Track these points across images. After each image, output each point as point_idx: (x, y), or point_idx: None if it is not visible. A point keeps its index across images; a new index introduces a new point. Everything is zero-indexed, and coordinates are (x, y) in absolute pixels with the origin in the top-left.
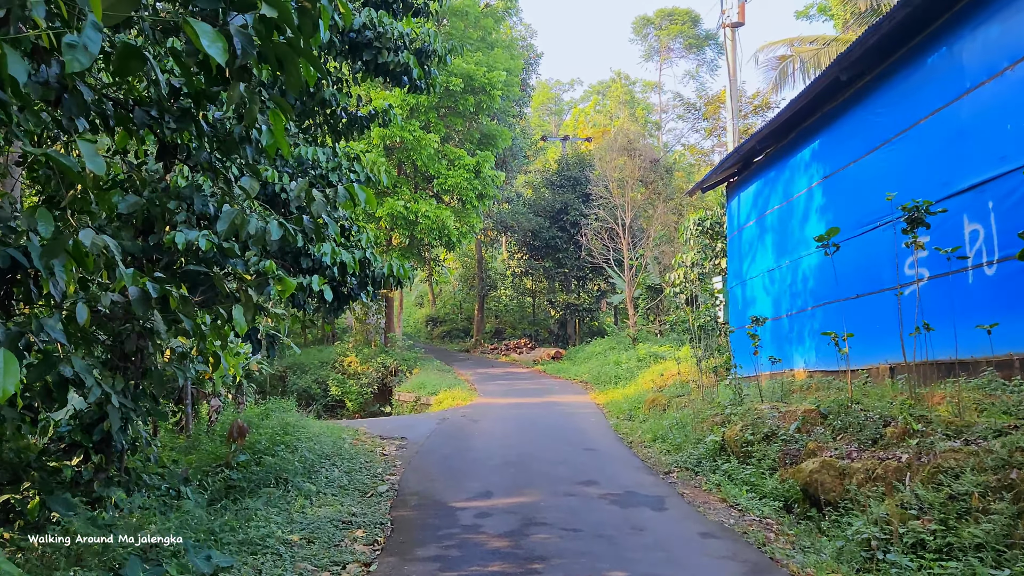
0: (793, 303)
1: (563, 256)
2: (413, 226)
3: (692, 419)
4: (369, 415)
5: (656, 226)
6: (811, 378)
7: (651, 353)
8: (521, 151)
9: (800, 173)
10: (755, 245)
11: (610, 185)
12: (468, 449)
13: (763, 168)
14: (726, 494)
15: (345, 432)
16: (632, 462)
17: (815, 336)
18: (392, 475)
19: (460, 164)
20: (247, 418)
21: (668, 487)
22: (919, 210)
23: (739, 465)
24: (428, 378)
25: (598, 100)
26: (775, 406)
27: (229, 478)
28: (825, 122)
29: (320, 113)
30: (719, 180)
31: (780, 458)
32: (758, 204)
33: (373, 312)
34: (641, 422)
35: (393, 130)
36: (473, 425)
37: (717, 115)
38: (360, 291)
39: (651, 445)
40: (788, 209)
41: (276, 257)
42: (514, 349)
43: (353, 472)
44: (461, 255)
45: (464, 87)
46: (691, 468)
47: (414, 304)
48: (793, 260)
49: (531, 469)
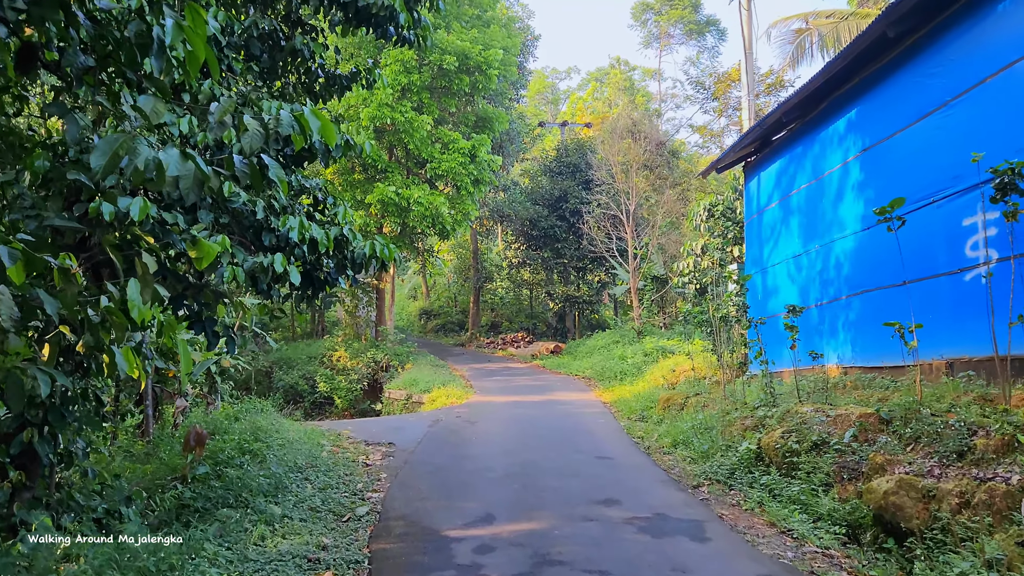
0: (824, 292)
1: (562, 246)
2: (405, 213)
3: (717, 421)
4: (359, 413)
5: (662, 213)
6: (845, 375)
7: (658, 347)
8: (519, 136)
9: (833, 147)
10: (778, 229)
11: (613, 170)
12: (465, 457)
13: (787, 144)
14: (773, 516)
15: (325, 437)
16: (654, 473)
17: (850, 328)
18: (375, 491)
19: (455, 148)
20: (213, 422)
21: (703, 507)
22: (1014, 173)
23: (782, 478)
24: (421, 374)
25: (596, 87)
26: (819, 408)
27: (182, 496)
28: (864, 88)
29: (292, 69)
30: (736, 159)
31: (835, 472)
32: (781, 184)
33: (364, 305)
34: (656, 423)
35: (384, 111)
36: (470, 428)
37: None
38: (338, 275)
39: (672, 451)
40: (818, 188)
41: (233, 233)
42: (511, 343)
43: (329, 489)
44: (456, 246)
45: (459, 65)
46: (723, 481)
47: (407, 297)
48: (824, 244)
49: (539, 483)
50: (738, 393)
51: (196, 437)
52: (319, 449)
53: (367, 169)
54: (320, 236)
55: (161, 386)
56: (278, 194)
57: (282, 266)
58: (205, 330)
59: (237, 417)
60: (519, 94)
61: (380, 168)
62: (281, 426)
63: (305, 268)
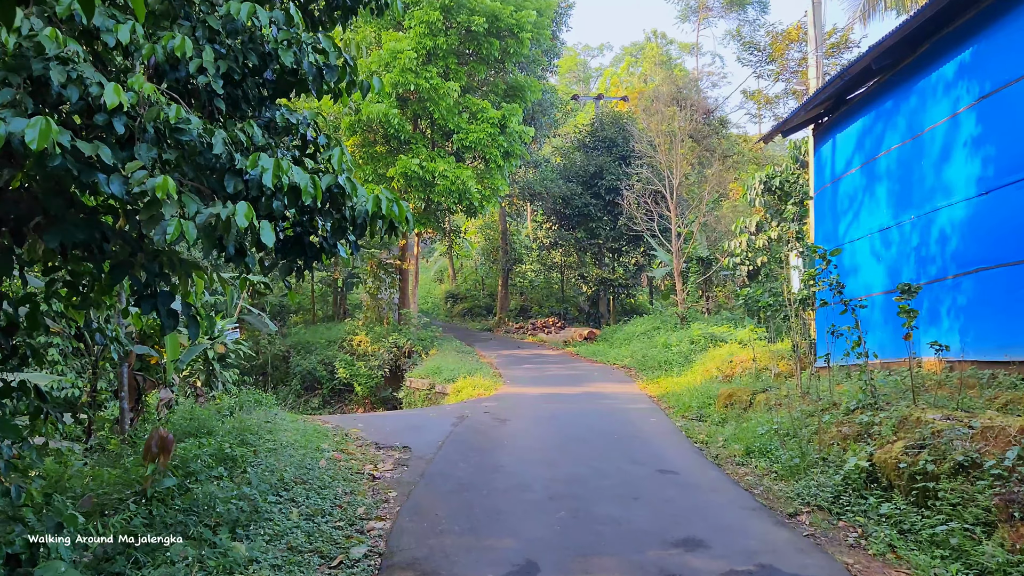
0: (921, 271)
1: (597, 225)
2: (430, 187)
3: (798, 425)
4: (380, 401)
5: (709, 188)
6: (951, 370)
7: (707, 334)
8: (552, 107)
9: (936, 97)
10: (859, 199)
11: (656, 140)
12: (495, 469)
13: (872, 99)
14: (920, 570)
15: (328, 438)
16: (735, 496)
17: (959, 313)
18: (380, 520)
19: (483, 118)
20: (198, 419)
21: (818, 552)
22: None
23: (911, 508)
24: (445, 361)
25: (631, 62)
26: (951, 416)
27: (131, 522)
28: (984, 20)
29: None
30: (804, 121)
31: (999, 508)
32: (864, 146)
33: (386, 286)
34: (718, 424)
35: (407, 76)
36: (500, 428)
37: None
38: (335, 239)
39: (747, 462)
40: (915, 148)
41: (186, 177)
42: (541, 328)
43: (319, 516)
44: (484, 227)
45: (488, 28)
46: (827, 508)
47: (433, 280)
48: (923, 215)
49: (591, 510)
50: (820, 390)
51: (160, 442)
52: (317, 456)
53: (389, 140)
54: (304, 183)
55: (143, 375)
56: (252, 129)
57: (247, 220)
58: (158, 309)
59: (232, 411)
60: (552, 63)
61: (403, 139)
62: (277, 424)
63: (295, 231)
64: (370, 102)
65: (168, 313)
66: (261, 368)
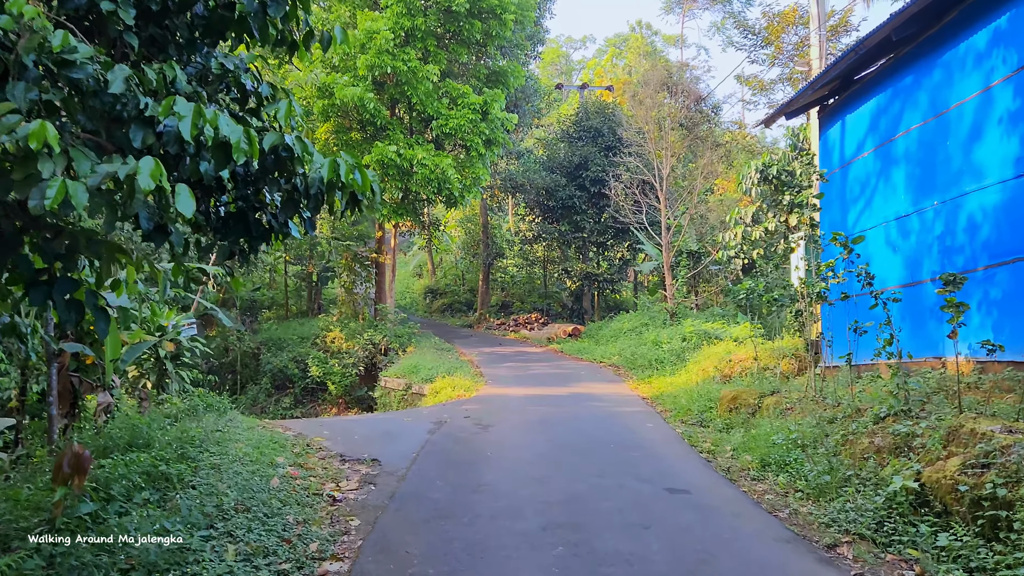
0: (947, 262)
1: (581, 218)
2: (408, 176)
3: (818, 434)
4: (354, 401)
5: (700, 177)
6: (984, 372)
7: (699, 331)
8: (535, 95)
9: (966, 70)
10: (872, 184)
11: (644, 128)
12: (477, 488)
13: (888, 76)
14: None
15: (286, 450)
16: (762, 522)
17: (992, 309)
18: (337, 560)
19: (464, 103)
20: (133, 429)
21: None
22: None
23: (977, 540)
24: (423, 359)
25: (616, 53)
26: (1012, 428)
27: (21, 566)
28: None
29: None
30: (808, 103)
31: None
32: (879, 127)
33: (362, 280)
34: (723, 431)
35: (384, 59)
36: (483, 435)
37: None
38: (286, 215)
39: (763, 476)
40: (940, 127)
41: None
42: (524, 325)
43: (260, 556)
44: (464, 221)
45: (470, 8)
46: (871, 537)
47: (412, 274)
48: (948, 200)
49: (595, 545)
50: (838, 394)
51: (74, 461)
52: (270, 473)
53: (365, 126)
54: (237, 137)
55: (80, 376)
56: (173, 71)
57: (153, 180)
58: (52, 299)
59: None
60: (536, 50)
61: (380, 125)
62: (227, 434)
63: (238, 207)
64: (344, 85)
65: (68, 305)
66: (230, 366)
